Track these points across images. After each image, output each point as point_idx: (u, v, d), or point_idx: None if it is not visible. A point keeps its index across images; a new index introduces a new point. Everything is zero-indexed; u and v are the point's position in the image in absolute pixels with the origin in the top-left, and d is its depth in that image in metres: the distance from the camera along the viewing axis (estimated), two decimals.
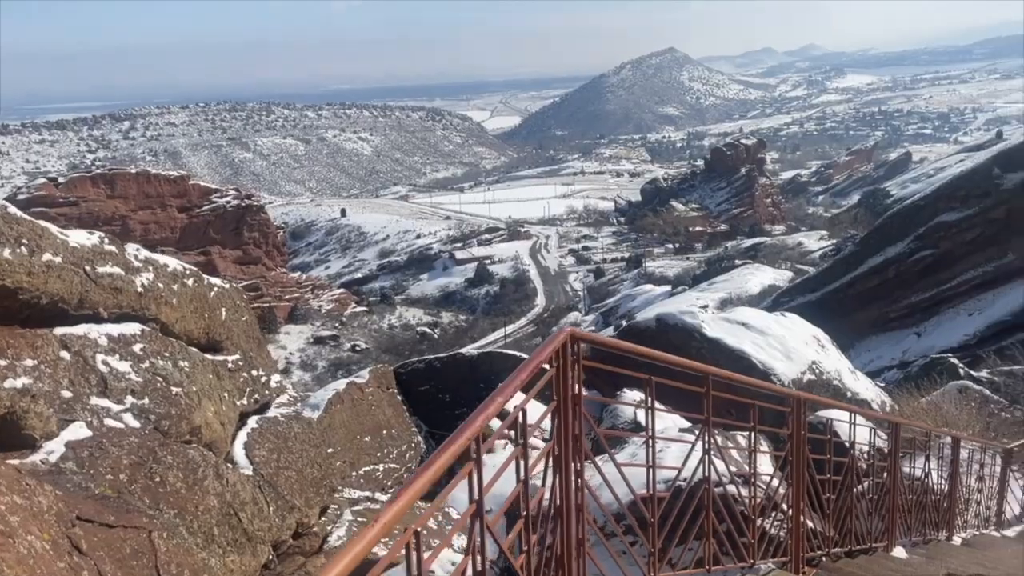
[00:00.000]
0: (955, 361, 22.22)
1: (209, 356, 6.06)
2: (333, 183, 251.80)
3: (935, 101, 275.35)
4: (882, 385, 16.85)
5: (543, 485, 2.77)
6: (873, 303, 50.20)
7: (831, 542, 4.96)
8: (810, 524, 4.78)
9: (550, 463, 2.81)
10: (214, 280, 6.90)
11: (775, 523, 4.72)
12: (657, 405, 3.65)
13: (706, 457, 4.24)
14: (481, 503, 2.10)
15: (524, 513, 2.49)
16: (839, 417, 5.79)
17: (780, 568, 4.57)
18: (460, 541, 5.53)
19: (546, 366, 2.79)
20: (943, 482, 6.86)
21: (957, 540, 7.21)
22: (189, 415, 5.23)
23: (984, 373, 19.50)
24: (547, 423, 2.90)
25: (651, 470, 3.58)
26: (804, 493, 4.59)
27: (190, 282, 6.15)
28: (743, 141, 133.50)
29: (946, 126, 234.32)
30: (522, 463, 2.91)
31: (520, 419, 2.49)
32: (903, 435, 6.01)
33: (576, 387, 2.94)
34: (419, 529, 1.73)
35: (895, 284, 49.63)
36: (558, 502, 2.86)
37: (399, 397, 10.71)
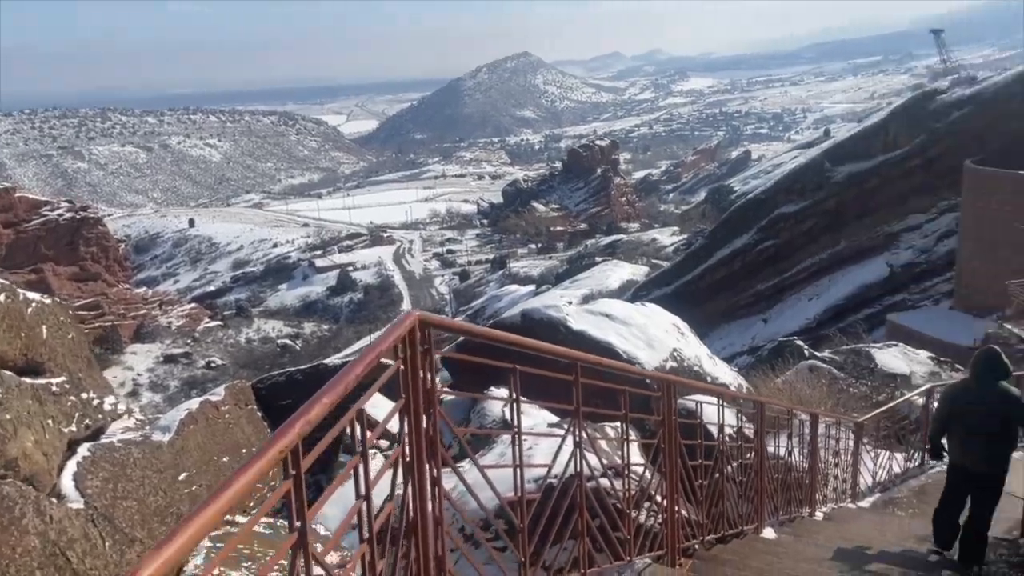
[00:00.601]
0: (800, 343, 23.39)
1: (28, 380, 5.49)
2: (179, 192, 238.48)
3: (769, 102, 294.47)
4: (736, 370, 17.45)
5: (391, 498, 2.35)
6: (723, 293, 52.83)
7: (705, 529, 4.82)
8: (684, 513, 4.61)
9: (400, 471, 2.40)
10: (32, 295, 6.25)
11: (650, 514, 4.51)
12: (524, 400, 3.35)
13: (577, 451, 3.96)
14: (304, 530, 1.67)
15: (368, 535, 2.07)
16: (705, 400, 5.69)
17: (656, 562, 4.37)
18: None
19: (388, 361, 2.38)
20: (804, 459, 6.98)
21: (819, 515, 7.37)
22: (2, 446, 4.73)
23: (827, 353, 20.63)
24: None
25: (517, 470, 3.23)
26: (678, 481, 4.40)
27: (1, 297, 5.50)
28: (598, 143, 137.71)
29: (780, 125, 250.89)
30: (388, 475, 2.49)
31: (361, 423, 2.06)
32: (765, 415, 6.01)
33: (429, 380, 2.55)
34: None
35: (742, 274, 52.42)
36: (411, 515, 2.45)
37: (259, 413, 10.02)
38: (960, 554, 6.09)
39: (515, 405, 3.26)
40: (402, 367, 2.41)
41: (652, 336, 12.32)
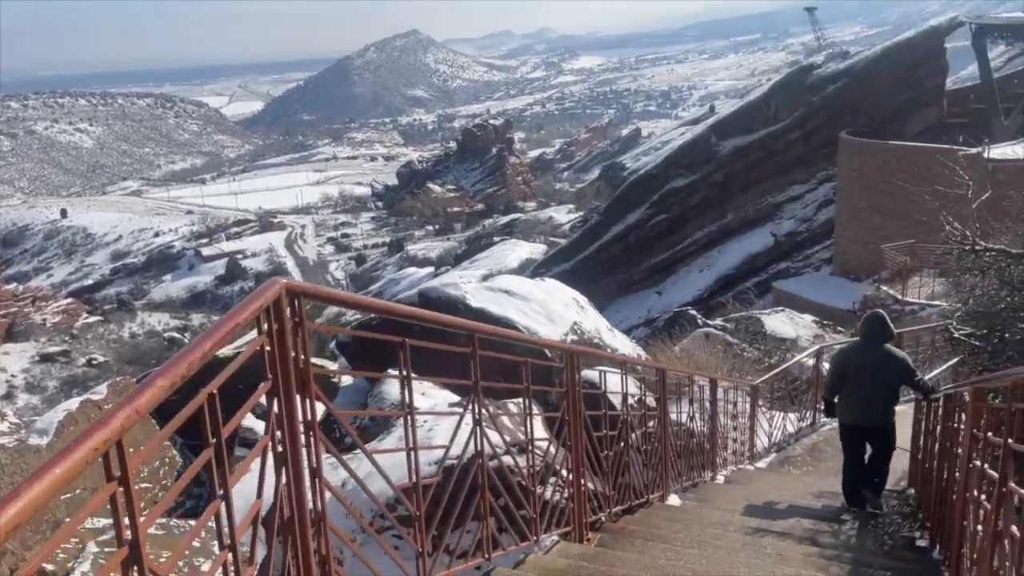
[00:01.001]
0: (694, 313, 24.01)
1: None
2: (49, 181, 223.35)
3: (657, 80, 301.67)
4: (634, 341, 17.68)
5: (260, 494, 2.04)
6: (619, 267, 53.80)
7: (611, 501, 4.69)
8: (590, 486, 4.46)
9: (271, 462, 2.09)
10: None
11: (556, 489, 4.33)
12: (420, 378, 3.08)
13: (477, 428, 3.72)
14: (137, 542, 1.35)
15: (230, 540, 1.76)
16: (609, 370, 5.56)
17: (563, 539, 4.20)
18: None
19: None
20: (704, 424, 7.01)
21: (720, 479, 7.44)
22: None
23: (719, 321, 21.23)
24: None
25: (411, 454, 2.96)
26: (583, 454, 4.23)
27: None
28: (492, 122, 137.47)
29: (668, 103, 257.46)
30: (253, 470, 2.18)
31: (212, 409, 1.74)
32: (667, 383, 5.95)
33: (302, 359, 2.24)
34: None
35: (636, 249, 53.48)
36: (288, 512, 2.15)
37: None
38: (868, 504, 6.41)
39: (406, 383, 2.98)
40: (267, 343, 2.08)
41: (552, 311, 12.24)
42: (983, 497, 3.44)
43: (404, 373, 2.99)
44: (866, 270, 32.73)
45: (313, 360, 2.34)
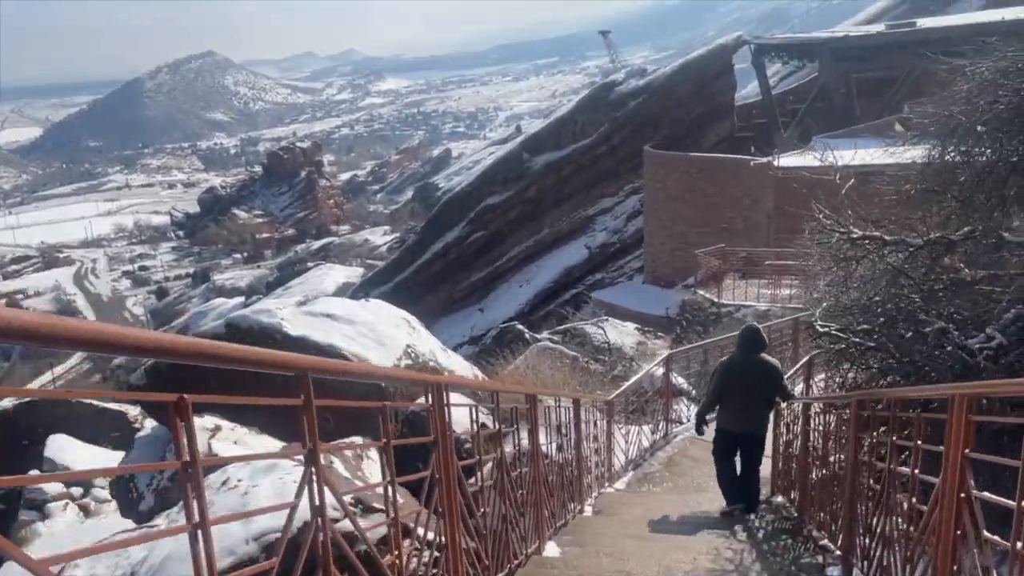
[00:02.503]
0: (521, 328, 23.67)
1: None
2: None
3: (464, 102, 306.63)
4: (470, 362, 16.90)
5: None
6: (440, 286, 53.23)
7: (490, 570, 3.74)
8: (465, 547, 3.50)
9: None
10: None
11: (422, 565, 3.31)
12: (242, 428, 2.02)
13: (312, 486, 2.61)
14: None
15: None
16: (462, 403, 4.63)
17: None
18: None
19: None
20: (571, 451, 6.26)
21: (588, 510, 6.74)
22: None
23: (546, 334, 20.96)
24: None
25: (198, 533, 1.83)
26: (459, 515, 3.26)
27: None
28: (299, 145, 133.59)
29: (475, 124, 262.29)
30: None
31: None
32: (535, 410, 5.09)
33: None
34: None
35: (456, 266, 53.18)
36: None
37: None
38: (745, 505, 6.84)
39: (185, 430, 1.84)
40: None
41: (382, 333, 11.13)
42: (872, 481, 3.97)
43: (179, 420, 1.84)
44: (676, 276, 34.17)
45: None
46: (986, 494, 2.44)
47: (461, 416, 4.41)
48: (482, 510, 3.61)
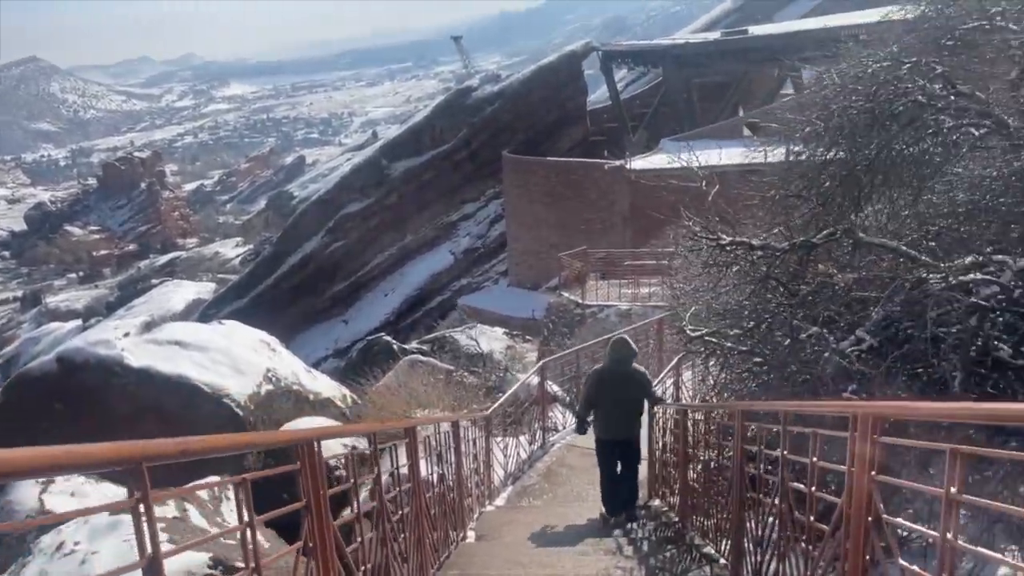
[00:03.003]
0: (388, 339, 23.03)
1: None
2: None
3: (316, 107, 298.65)
4: (336, 380, 16.22)
5: None
6: (301, 298, 51.40)
7: None
8: None
9: None
10: None
11: None
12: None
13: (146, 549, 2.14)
14: None
15: None
16: (335, 449, 4.23)
17: None
18: None
19: None
20: (451, 476, 5.96)
21: (471, 535, 6.45)
22: None
23: (415, 344, 20.50)
24: None
25: None
26: None
27: None
28: (137, 155, 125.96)
29: (329, 130, 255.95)
30: None
31: None
32: (415, 439, 4.75)
33: None
34: None
35: (317, 277, 51.56)
36: None
37: None
38: (625, 514, 6.99)
39: None
40: None
41: (238, 358, 10.40)
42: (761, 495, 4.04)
43: None
44: (540, 279, 34.59)
45: None
46: (900, 520, 2.35)
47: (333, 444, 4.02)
48: (363, 568, 3.24)
